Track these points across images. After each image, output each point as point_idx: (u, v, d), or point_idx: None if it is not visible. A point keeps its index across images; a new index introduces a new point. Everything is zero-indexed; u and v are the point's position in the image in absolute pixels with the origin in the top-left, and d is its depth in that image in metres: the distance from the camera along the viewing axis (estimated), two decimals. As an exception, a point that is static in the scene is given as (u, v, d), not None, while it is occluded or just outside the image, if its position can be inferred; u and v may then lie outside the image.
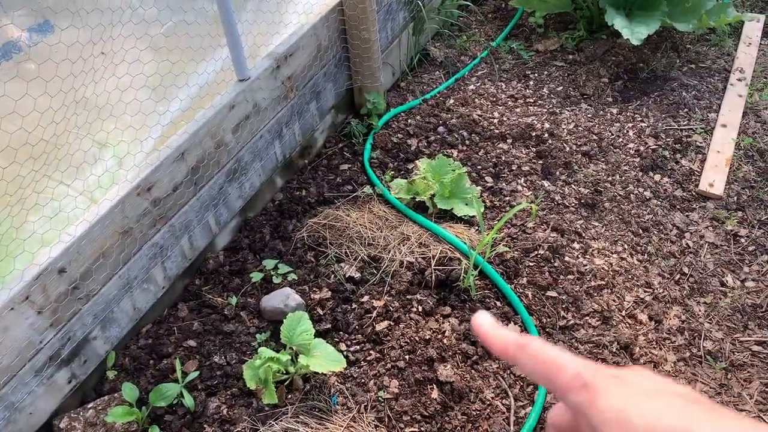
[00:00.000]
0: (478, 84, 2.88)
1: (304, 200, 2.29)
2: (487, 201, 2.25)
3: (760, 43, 2.98)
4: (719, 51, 2.96)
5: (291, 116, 2.29)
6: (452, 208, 2.15)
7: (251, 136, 2.10)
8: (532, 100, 2.75)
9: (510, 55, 3.04)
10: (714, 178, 2.35)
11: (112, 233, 1.68)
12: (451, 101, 2.77)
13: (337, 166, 2.44)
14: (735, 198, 2.28)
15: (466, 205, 2.17)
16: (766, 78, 2.80)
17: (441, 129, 2.60)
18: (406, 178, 2.31)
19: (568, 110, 2.67)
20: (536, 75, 2.90)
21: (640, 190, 2.30)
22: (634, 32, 2.65)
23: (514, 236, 2.12)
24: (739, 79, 2.77)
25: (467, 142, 2.53)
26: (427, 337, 1.80)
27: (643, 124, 2.58)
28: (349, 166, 2.44)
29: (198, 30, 1.74)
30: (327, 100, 2.48)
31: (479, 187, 2.31)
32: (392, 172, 2.40)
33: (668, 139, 2.51)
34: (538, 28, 3.13)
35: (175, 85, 1.73)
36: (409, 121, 2.65)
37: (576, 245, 2.10)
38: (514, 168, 2.40)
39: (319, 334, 1.83)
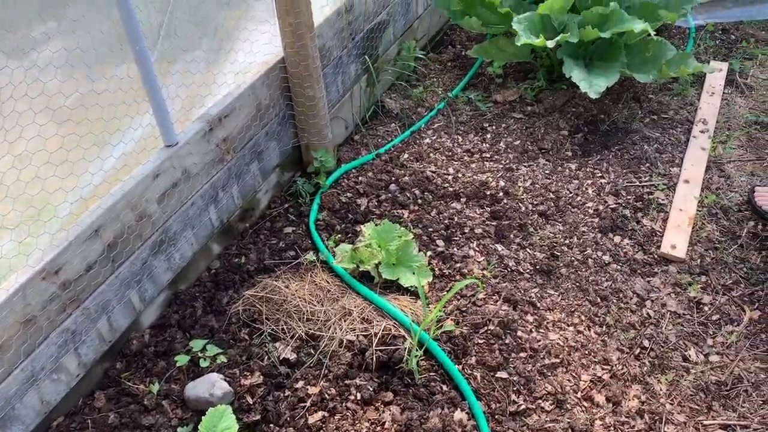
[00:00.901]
0: (434, 137, 2.77)
1: (243, 268, 2.14)
2: (437, 269, 2.12)
3: (723, 93, 2.91)
4: (682, 101, 2.88)
5: (228, 179, 2.15)
6: (398, 278, 2.01)
7: (180, 204, 1.96)
8: (488, 155, 2.63)
9: (468, 107, 2.94)
10: (676, 240, 2.24)
11: (12, 324, 1.52)
12: (406, 156, 2.65)
13: (281, 229, 2.30)
14: (698, 261, 2.17)
15: (414, 274, 2.03)
16: (729, 129, 2.72)
17: (393, 187, 2.47)
18: (353, 243, 2.18)
19: (525, 166, 2.56)
20: (494, 128, 2.79)
21: (599, 254, 2.18)
22: (592, 85, 2.56)
23: (464, 309, 1.99)
24: (702, 131, 2.69)
25: (419, 201, 2.41)
26: (364, 431, 1.64)
27: (603, 181, 2.47)
28: (294, 228, 2.30)
29: (112, 99, 1.61)
30: (270, 159, 2.35)
31: (429, 252, 2.17)
32: (339, 235, 2.26)
33: (629, 197, 2.40)
34: (497, 78, 3.04)
35: (85, 159, 1.59)
36: (360, 178, 2.52)
37: (530, 317, 1.97)
38: (466, 230, 2.27)
39: (246, 427, 1.67)
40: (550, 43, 2.58)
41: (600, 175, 2.50)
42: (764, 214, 2.28)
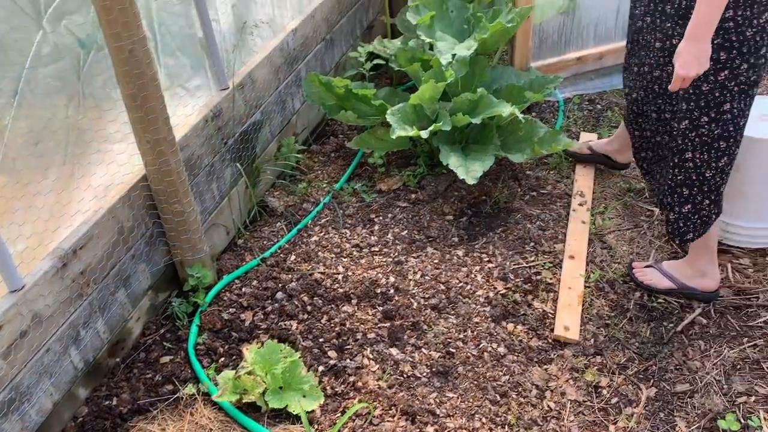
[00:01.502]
0: (322, 233, 2.69)
1: (114, 411, 1.92)
2: (329, 387, 1.99)
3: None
4: (559, 174, 2.97)
5: (91, 314, 1.95)
6: (287, 405, 1.87)
7: (32, 353, 1.75)
8: (377, 249, 2.57)
9: (354, 198, 2.89)
10: (568, 320, 2.23)
11: None
12: (293, 257, 2.54)
13: (157, 360, 2.10)
14: (592, 341, 2.16)
15: (304, 397, 1.89)
16: (606, 199, 2.80)
17: (280, 295, 2.34)
18: (237, 368, 2.02)
19: (413, 257, 2.51)
20: (381, 218, 2.75)
21: (494, 345, 2.13)
22: (469, 171, 2.58)
23: (360, 431, 1.85)
24: (581, 204, 2.76)
25: (309, 308, 2.29)
26: None
27: (490, 265, 2.46)
28: (172, 357, 2.11)
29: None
30: (140, 283, 2.17)
31: (321, 367, 2.05)
32: (222, 359, 2.09)
33: (518, 280, 2.39)
34: (379, 167, 3.02)
35: None
36: (243, 289, 2.38)
37: (430, 429, 1.86)
38: (359, 336, 2.17)
39: None
40: (424, 134, 2.59)
41: (487, 259, 2.49)
42: (647, 288, 2.33)
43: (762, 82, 1.98)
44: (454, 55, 2.79)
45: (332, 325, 2.21)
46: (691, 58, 1.78)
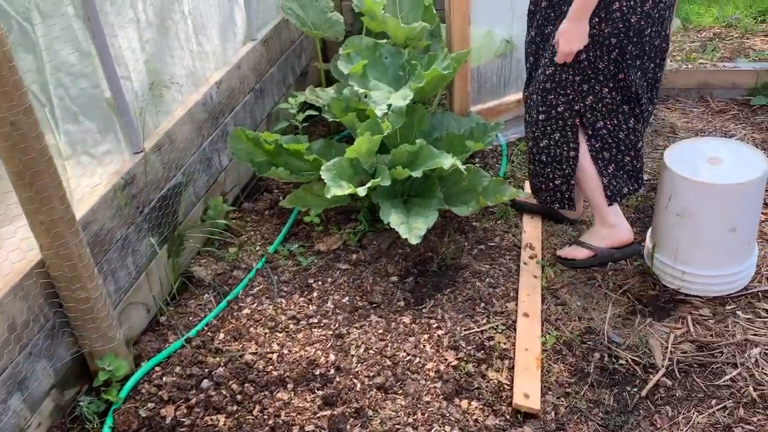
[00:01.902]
0: (254, 305, 2.44)
1: None
2: (261, 496, 1.74)
3: (543, 210, 2.89)
4: (506, 224, 2.82)
5: (-25, 431, 1.66)
6: None
7: None
8: (315, 320, 2.34)
9: (290, 261, 2.66)
10: (528, 387, 2.04)
11: None
12: (221, 336, 2.29)
13: (62, 474, 1.81)
14: (552, 414, 1.98)
15: None
16: (556, 249, 2.66)
17: (206, 383, 2.08)
18: (155, 478, 1.74)
19: (356, 328, 2.29)
20: (320, 283, 2.53)
21: (447, 429, 1.92)
22: (412, 229, 2.39)
23: None
24: (531, 257, 2.61)
25: (239, 397, 2.04)
26: None
27: (440, 332, 2.26)
28: (79, 470, 1.82)
29: None
30: (40, 383, 1.88)
31: (253, 470, 1.79)
32: (139, 467, 1.82)
33: (470, 348, 2.20)
34: (317, 225, 2.81)
35: None
36: (165, 378, 2.11)
37: None
38: (296, 431, 1.92)
39: None
40: (362, 191, 2.40)
41: (436, 325, 2.29)
42: (570, 262, 2.57)
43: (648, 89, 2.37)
44: (389, 106, 2.63)
45: (265, 417, 1.96)
46: (573, 35, 2.15)
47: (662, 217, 2.40)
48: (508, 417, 1.97)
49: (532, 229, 2.75)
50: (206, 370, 2.13)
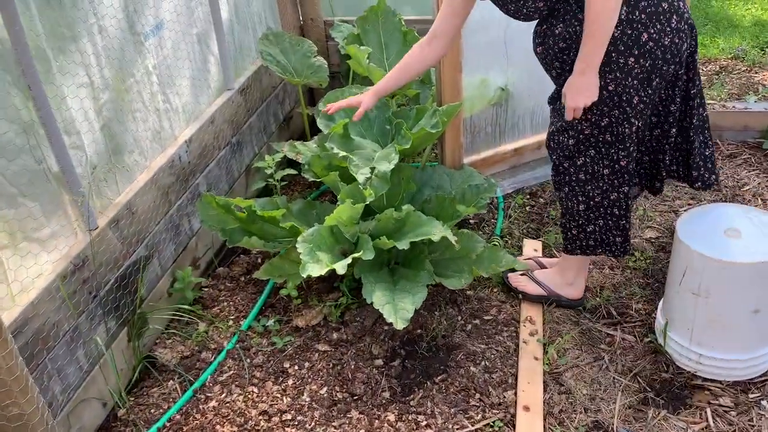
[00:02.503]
0: (223, 395, 2.19)
1: None
2: None
3: (543, 275, 2.65)
4: (503, 292, 2.58)
5: None
6: None
7: None
8: (289, 416, 2.09)
9: (264, 340, 2.42)
10: (527, 503, 1.79)
11: None
12: (185, 434, 2.04)
13: None
14: None
15: None
16: (558, 323, 2.42)
17: (162, 500, 1.83)
18: None
19: (334, 428, 2.04)
20: (296, 368, 2.28)
21: None
22: (398, 310, 2.15)
23: None
24: (531, 333, 2.36)
25: None
26: None
27: None
28: None
29: None
30: None
31: None
32: None
33: (463, 451, 1.95)
34: (294, 298, 2.56)
35: None
36: (116, 493, 1.86)
37: None
38: None
39: None
40: (340, 267, 2.15)
41: (425, 422, 2.04)
42: (520, 293, 2.51)
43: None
44: (373, 169, 2.40)
45: None
46: (582, 89, 1.92)
47: (675, 293, 2.16)
48: None
49: (522, 303, 2.51)
50: (163, 482, 1.88)
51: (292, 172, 2.85)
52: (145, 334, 2.33)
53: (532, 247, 2.82)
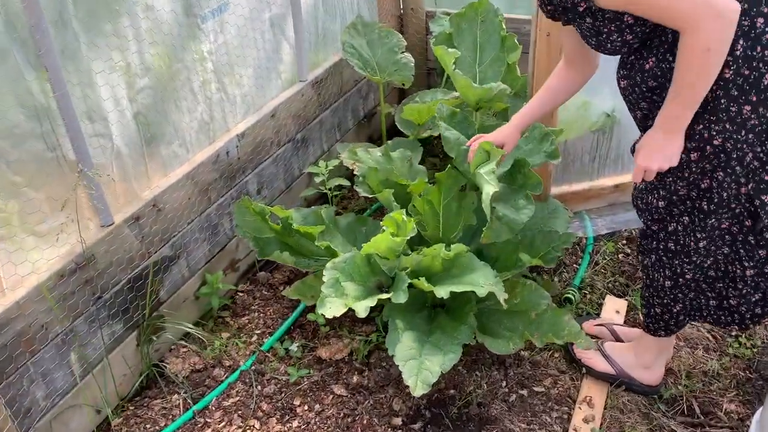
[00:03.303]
0: (222, 424, 1.99)
1: None
2: None
3: (619, 347, 2.20)
4: (564, 361, 2.16)
5: None
6: None
7: None
8: (281, 469, 1.85)
9: (282, 366, 2.19)
10: None
11: None
12: (170, 463, 1.86)
13: None
14: None
15: None
16: (623, 413, 1.98)
17: None
18: None
19: (324, 496, 1.77)
20: (306, 408, 2.03)
21: None
22: (421, 370, 1.82)
23: None
24: (587, 420, 1.95)
25: None
26: None
27: None
28: None
29: None
30: None
31: None
32: None
33: None
34: (322, 325, 2.30)
35: None
36: None
37: None
38: None
39: None
40: (362, 309, 1.84)
41: None
42: (584, 366, 2.07)
43: None
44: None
45: None
46: (660, 150, 1.53)
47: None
48: None
49: (593, 382, 2.08)
50: None
51: (345, 183, 2.57)
52: (160, 340, 2.17)
53: (613, 308, 2.37)
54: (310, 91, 2.79)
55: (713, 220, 1.59)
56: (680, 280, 1.75)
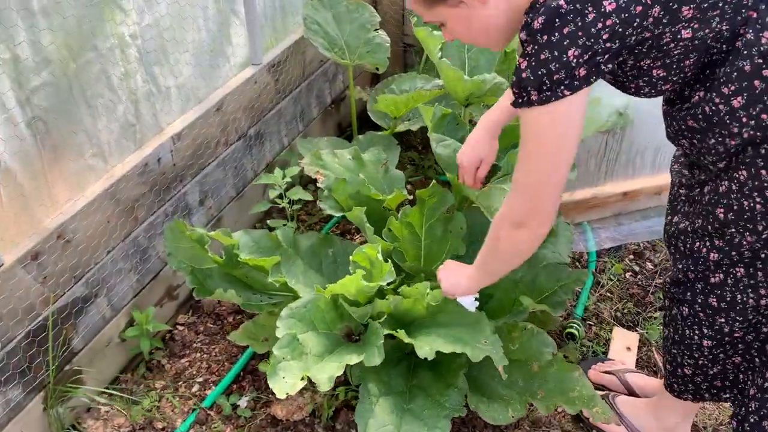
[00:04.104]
0: None
1: None
2: None
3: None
4: (570, 421, 1.81)
5: None
6: None
7: None
8: None
9: (228, 426, 1.79)
10: None
11: None
12: None
13: None
14: None
15: None
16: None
17: None
18: None
19: None
20: (256, 488, 1.64)
21: None
22: (398, 455, 1.44)
23: None
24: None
25: None
26: None
27: None
28: None
29: None
30: None
31: None
32: None
33: None
34: (278, 375, 1.90)
35: None
36: None
37: None
38: None
39: None
40: (324, 382, 1.45)
41: None
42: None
43: None
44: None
45: None
46: (456, 276, 1.54)
47: None
48: None
49: (608, 446, 1.73)
50: None
51: (307, 197, 2.13)
52: (75, 399, 1.75)
53: (624, 344, 2.02)
54: (265, 77, 2.32)
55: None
56: (724, 339, 1.38)
